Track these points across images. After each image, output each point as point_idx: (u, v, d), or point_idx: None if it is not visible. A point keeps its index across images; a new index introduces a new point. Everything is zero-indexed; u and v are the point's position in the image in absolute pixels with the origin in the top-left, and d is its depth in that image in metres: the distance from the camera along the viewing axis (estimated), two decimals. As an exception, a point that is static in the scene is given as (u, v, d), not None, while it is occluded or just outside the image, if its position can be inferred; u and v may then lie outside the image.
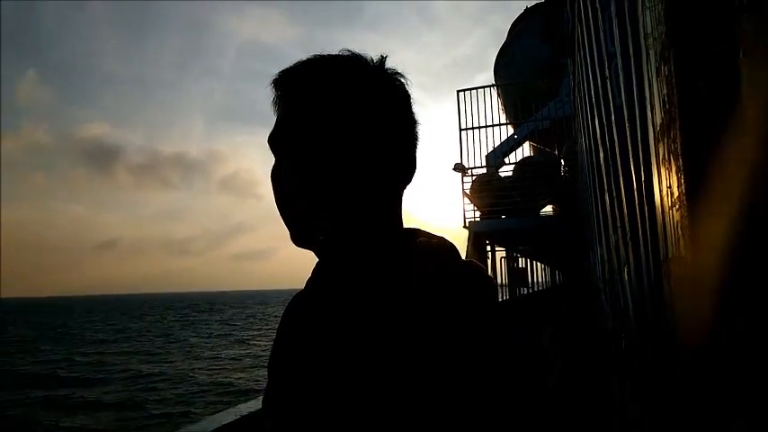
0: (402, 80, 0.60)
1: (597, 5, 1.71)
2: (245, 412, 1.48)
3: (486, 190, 7.67)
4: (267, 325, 37.02)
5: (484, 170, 8.25)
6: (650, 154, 0.69)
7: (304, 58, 0.59)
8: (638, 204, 1.20)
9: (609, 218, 2.25)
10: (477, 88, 8.32)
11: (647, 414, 1.42)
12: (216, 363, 19.04)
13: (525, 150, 9.31)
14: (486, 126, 8.37)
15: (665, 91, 0.55)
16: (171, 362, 19.28)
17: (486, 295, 0.53)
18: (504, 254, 9.08)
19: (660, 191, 0.62)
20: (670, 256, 0.59)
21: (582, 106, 3.32)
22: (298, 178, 0.56)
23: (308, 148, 0.56)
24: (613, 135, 1.70)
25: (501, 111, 9.31)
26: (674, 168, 0.52)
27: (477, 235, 7.61)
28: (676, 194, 0.51)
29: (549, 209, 8.52)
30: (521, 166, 7.79)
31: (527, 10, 9.74)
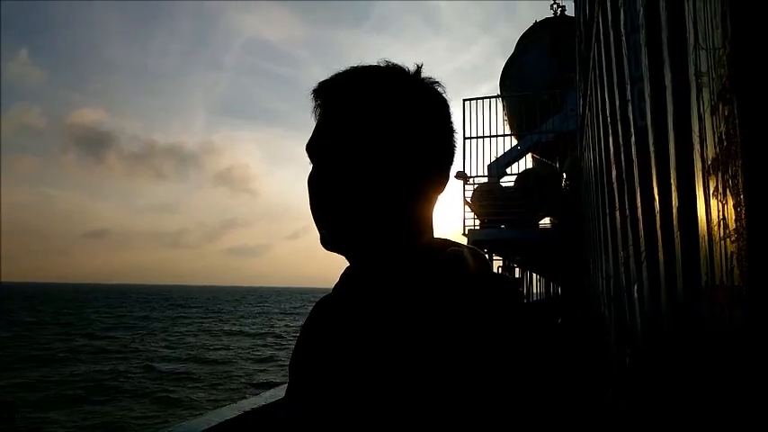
0: (440, 89, 0.62)
1: (622, 30, 1.75)
2: (247, 408, 1.50)
3: (488, 199, 7.73)
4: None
5: (485, 179, 8.32)
6: (695, 186, 0.74)
7: (343, 69, 0.60)
8: (662, 227, 1.24)
9: (618, 235, 2.29)
10: (482, 98, 8.39)
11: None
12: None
13: (526, 162, 9.40)
14: (489, 136, 8.44)
15: (722, 128, 0.59)
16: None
17: (511, 305, 0.54)
18: (500, 263, 9.15)
19: (708, 221, 0.66)
20: (717, 283, 0.63)
21: (593, 124, 3.38)
22: (335, 185, 0.57)
23: (349, 157, 0.56)
24: (631, 156, 1.75)
25: (504, 122, 9.39)
26: (730, 203, 0.56)
27: (476, 243, 7.67)
28: (732, 227, 0.55)
29: (546, 221, 8.60)
30: (523, 177, 7.85)
31: (536, 24, 9.85)
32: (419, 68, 0.61)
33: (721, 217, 0.60)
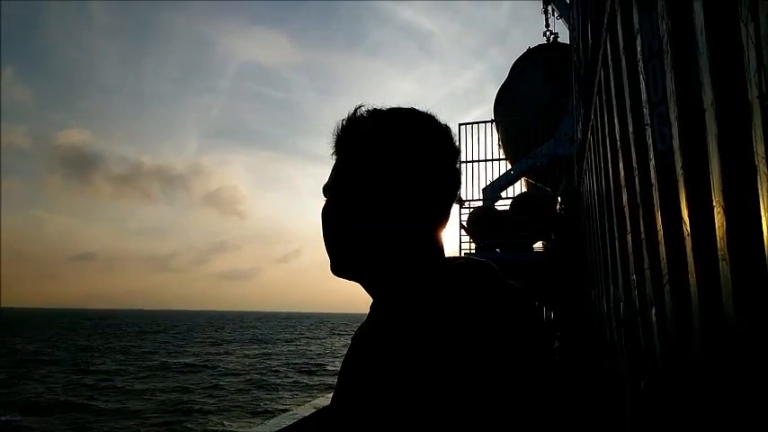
0: (451, 134, 0.67)
1: (639, 56, 1.78)
2: (274, 429, 1.47)
3: (483, 223, 7.76)
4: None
5: (480, 203, 8.37)
6: (753, 207, 0.73)
7: (364, 111, 0.65)
8: (693, 250, 1.24)
9: (630, 258, 2.29)
10: (478, 123, 8.50)
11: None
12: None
13: (521, 186, 9.48)
14: (485, 160, 8.52)
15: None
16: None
17: (528, 320, 0.56)
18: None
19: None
20: None
21: (596, 148, 3.41)
22: (348, 215, 0.62)
23: (364, 193, 0.61)
24: (650, 179, 1.76)
25: (499, 146, 9.50)
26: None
27: (472, 266, 7.66)
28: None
29: (539, 244, 8.64)
30: (518, 201, 7.91)
31: (530, 50, 10.05)
32: (434, 116, 0.66)
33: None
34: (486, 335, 0.51)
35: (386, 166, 0.61)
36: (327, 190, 0.65)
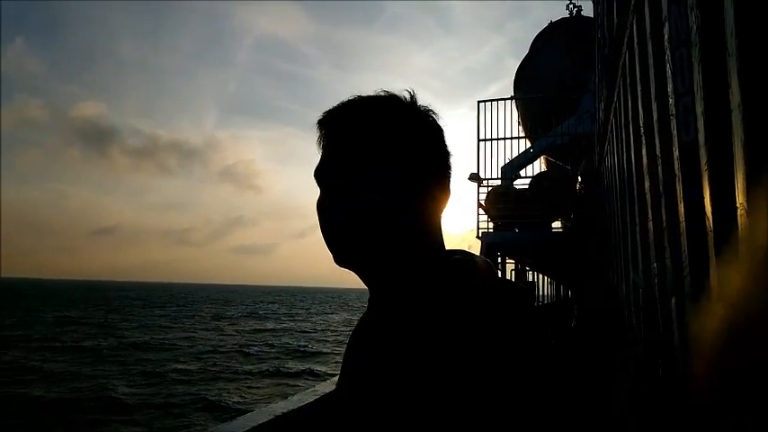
0: (434, 116, 0.67)
1: (666, 44, 1.75)
2: (278, 412, 1.53)
3: (501, 202, 7.73)
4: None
5: (499, 182, 8.31)
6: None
7: (345, 100, 0.66)
8: (715, 248, 1.25)
9: (651, 247, 2.29)
10: (497, 100, 8.38)
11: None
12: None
13: (539, 165, 9.37)
14: (503, 138, 8.43)
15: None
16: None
17: (524, 314, 0.57)
18: (513, 266, 9.14)
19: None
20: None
21: (619, 132, 3.37)
22: (342, 209, 0.62)
23: (353, 181, 0.62)
24: (674, 170, 1.75)
25: (519, 123, 9.37)
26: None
27: (490, 246, 7.67)
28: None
29: (557, 224, 8.57)
30: (537, 179, 7.84)
31: (551, 24, 9.80)
32: (413, 97, 0.67)
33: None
34: (481, 328, 0.52)
35: (374, 151, 0.62)
36: (319, 179, 0.66)
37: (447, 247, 0.67)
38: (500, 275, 0.65)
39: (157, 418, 11.08)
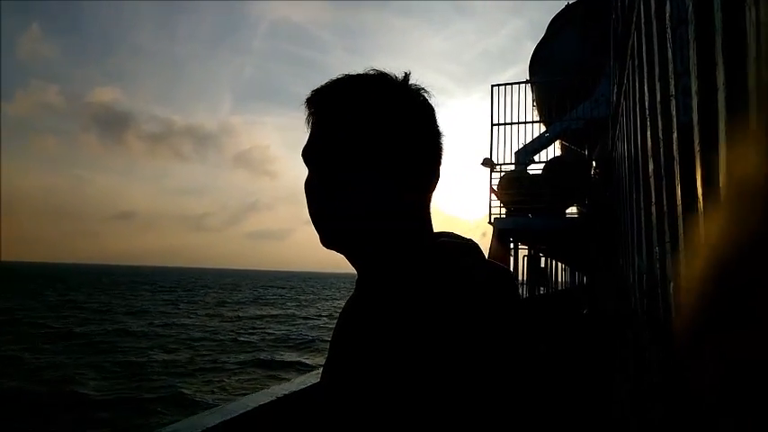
0: (425, 95, 0.65)
1: (667, 23, 1.71)
2: (280, 393, 1.55)
3: (515, 187, 7.65)
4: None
5: (512, 167, 8.22)
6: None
7: (334, 78, 0.64)
8: (705, 230, 1.23)
9: (654, 230, 2.26)
10: (511, 84, 8.26)
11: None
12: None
13: (555, 150, 9.24)
14: (517, 123, 8.32)
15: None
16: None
17: (508, 296, 0.57)
18: (526, 252, 9.08)
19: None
20: None
21: (629, 115, 3.30)
22: (330, 190, 0.61)
23: (341, 162, 0.60)
24: (672, 152, 1.71)
25: (533, 108, 9.23)
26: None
27: (502, 232, 7.62)
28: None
29: (572, 209, 8.47)
30: (551, 165, 7.73)
31: (568, 5, 9.57)
32: (407, 76, 0.65)
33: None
34: (463, 312, 0.52)
35: (362, 131, 0.60)
36: (307, 159, 0.64)
37: (450, 237, 0.66)
38: (486, 258, 0.63)
39: (122, 414, 9.94)
